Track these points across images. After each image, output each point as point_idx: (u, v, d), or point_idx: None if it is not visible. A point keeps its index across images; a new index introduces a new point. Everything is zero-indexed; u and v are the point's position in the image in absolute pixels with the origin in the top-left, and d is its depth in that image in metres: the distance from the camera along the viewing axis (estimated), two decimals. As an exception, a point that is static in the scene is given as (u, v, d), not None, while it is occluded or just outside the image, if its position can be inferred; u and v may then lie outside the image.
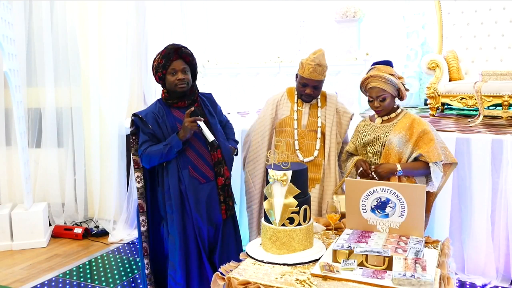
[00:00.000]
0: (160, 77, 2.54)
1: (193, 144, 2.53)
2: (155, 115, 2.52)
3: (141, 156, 2.51)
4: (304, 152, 2.73)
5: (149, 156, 2.47)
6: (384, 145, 2.43)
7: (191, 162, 2.53)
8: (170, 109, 2.56)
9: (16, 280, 3.45)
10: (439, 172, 2.40)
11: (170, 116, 2.54)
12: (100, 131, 4.49)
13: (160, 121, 2.50)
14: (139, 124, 2.54)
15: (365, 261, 1.77)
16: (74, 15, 4.42)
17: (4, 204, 4.44)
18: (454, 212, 3.29)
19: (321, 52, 2.60)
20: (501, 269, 3.22)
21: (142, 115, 2.52)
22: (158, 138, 2.50)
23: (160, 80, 2.56)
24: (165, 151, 2.44)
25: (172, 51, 2.48)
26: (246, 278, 1.74)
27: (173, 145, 2.44)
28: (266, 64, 5.10)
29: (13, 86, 3.95)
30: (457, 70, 4.65)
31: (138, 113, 2.54)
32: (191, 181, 2.52)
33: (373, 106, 2.46)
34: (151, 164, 2.52)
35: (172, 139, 2.45)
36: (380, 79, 2.39)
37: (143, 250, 2.69)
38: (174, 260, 2.57)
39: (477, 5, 4.71)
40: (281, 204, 1.92)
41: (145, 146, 2.49)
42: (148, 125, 2.49)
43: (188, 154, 2.52)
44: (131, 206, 4.52)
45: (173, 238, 2.57)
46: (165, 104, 2.58)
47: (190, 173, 2.52)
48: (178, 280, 2.56)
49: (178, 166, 2.52)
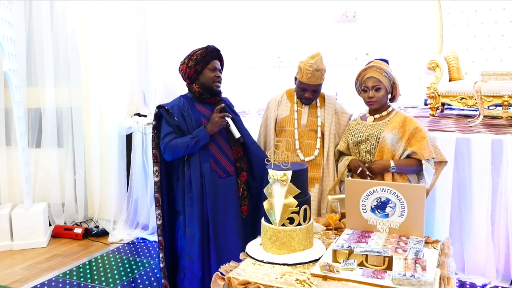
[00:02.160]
0: (197, 71, 2.56)
1: (216, 139, 2.59)
2: (180, 108, 2.56)
3: (165, 148, 2.52)
4: (304, 152, 2.74)
5: (174, 147, 2.50)
6: (377, 142, 2.48)
7: (213, 155, 2.57)
8: (194, 104, 2.61)
9: (16, 280, 3.45)
10: (431, 169, 2.45)
11: (195, 110, 2.58)
12: (100, 131, 4.50)
13: (185, 114, 2.55)
14: (165, 116, 2.57)
15: (365, 261, 1.77)
16: (74, 15, 4.42)
17: (4, 204, 4.44)
18: (454, 212, 3.29)
19: (319, 57, 2.60)
20: (501, 269, 3.22)
21: (168, 107, 2.56)
22: (182, 131, 2.54)
23: (194, 74, 2.58)
24: (192, 143, 2.48)
25: (215, 50, 2.59)
26: (246, 278, 1.74)
27: (200, 138, 2.49)
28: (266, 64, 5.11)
29: (13, 86, 3.95)
30: (457, 70, 4.64)
31: (164, 105, 2.58)
32: (211, 175, 2.56)
33: (366, 96, 2.50)
34: (174, 156, 2.55)
35: (199, 132, 2.50)
36: (377, 69, 2.48)
37: (158, 243, 2.73)
38: (192, 253, 2.60)
39: (477, 5, 4.71)
40: (281, 204, 1.92)
41: (170, 138, 2.52)
42: (173, 117, 2.53)
43: (210, 148, 2.57)
44: (131, 206, 4.52)
45: (191, 231, 2.60)
46: (191, 99, 2.62)
47: (212, 167, 2.56)
48: (196, 272, 2.60)
49: (200, 159, 2.55)
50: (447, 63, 4.61)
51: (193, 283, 2.61)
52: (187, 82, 2.64)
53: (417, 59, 5.60)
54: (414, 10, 5.64)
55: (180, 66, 2.64)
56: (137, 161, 4.45)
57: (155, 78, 4.65)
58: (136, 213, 4.54)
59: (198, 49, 2.60)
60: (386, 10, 5.68)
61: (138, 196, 4.51)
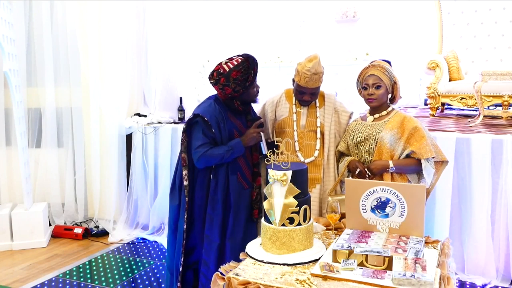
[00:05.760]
0: (242, 92, 2.52)
1: (244, 152, 2.61)
2: (217, 119, 2.54)
3: (200, 157, 2.51)
4: (304, 153, 2.72)
5: (209, 158, 2.51)
6: (376, 142, 2.47)
7: (240, 168, 2.61)
8: (228, 114, 2.60)
9: (16, 280, 3.45)
10: (430, 169, 2.44)
11: (229, 121, 2.59)
12: (100, 131, 4.50)
13: (221, 126, 2.55)
14: (201, 125, 2.52)
15: (365, 261, 1.77)
16: (74, 15, 4.42)
17: (4, 204, 4.45)
18: (454, 212, 3.29)
19: (317, 60, 2.54)
20: (501, 269, 3.22)
21: (207, 118, 2.51)
22: (216, 142, 2.55)
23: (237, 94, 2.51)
24: (227, 155, 2.51)
25: (256, 68, 2.54)
26: (246, 278, 1.74)
27: (236, 151, 2.52)
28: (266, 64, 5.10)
29: (13, 86, 3.95)
30: (457, 70, 4.65)
31: (203, 114, 2.52)
32: (237, 187, 2.59)
33: (366, 93, 2.50)
34: (207, 165, 2.57)
35: (236, 145, 2.52)
36: (379, 68, 2.50)
37: (182, 247, 2.67)
38: (208, 259, 2.61)
39: (477, 5, 4.71)
40: (281, 204, 1.92)
41: (206, 148, 2.51)
42: (211, 129, 2.52)
43: (238, 160, 2.60)
44: (131, 206, 4.52)
45: (209, 238, 2.61)
46: (223, 107, 2.59)
47: (238, 179, 2.60)
48: (210, 278, 2.58)
49: (228, 170, 2.58)
50: (447, 63, 4.61)
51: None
52: (225, 97, 2.57)
53: (417, 59, 5.60)
54: (414, 10, 5.64)
55: (221, 85, 2.49)
56: (137, 161, 4.45)
57: (155, 78, 4.65)
58: (136, 213, 4.54)
59: (242, 70, 2.45)
60: (386, 10, 5.69)
61: (138, 196, 4.51)
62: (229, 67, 2.45)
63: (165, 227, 4.33)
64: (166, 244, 3.84)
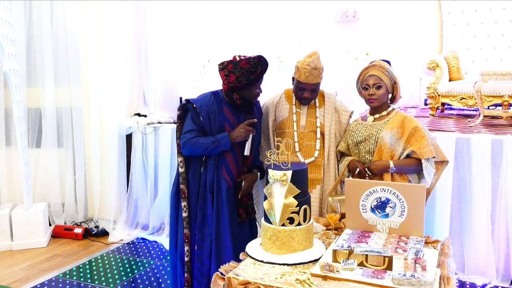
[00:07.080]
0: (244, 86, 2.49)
1: (233, 148, 2.59)
2: (209, 109, 2.55)
3: (185, 143, 2.53)
4: (304, 153, 2.71)
5: (193, 146, 2.51)
6: (376, 142, 2.47)
7: (226, 164, 2.59)
8: (223, 106, 2.59)
9: (16, 280, 3.45)
10: (431, 169, 2.44)
11: (221, 114, 2.58)
12: (100, 131, 4.50)
13: (212, 117, 2.54)
14: (191, 112, 2.55)
15: (365, 261, 1.77)
16: (74, 15, 4.42)
17: (4, 204, 4.45)
18: (454, 212, 3.29)
19: (316, 55, 2.56)
20: (501, 269, 3.22)
21: (197, 106, 2.53)
22: (205, 131, 2.55)
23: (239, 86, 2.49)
24: (212, 147, 2.49)
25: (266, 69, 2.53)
26: (246, 278, 1.74)
27: (221, 144, 2.50)
28: (266, 64, 5.06)
29: (13, 86, 3.95)
30: (457, 70, 4.65)
31: (193, 102, 2.55)
32: (221, 182, 2.58)
33: (367, 94, 2.51)
34: (191, 153, 2.56)
35: (222, 138, 2.50)
36: (379, 68, 2.50)
37: (184, 236, 2.65)
38: (201, 254, 2.61)
39: (477, 5, 4.72)
40: (281, 204, 1.92)
41: (192, 135, 2.52)
42: (199, 117, 2.53)
43: (226, 155, 2.58)
44: (131, 206, 4.52)
45: (202, 232, 2.61)
46: (220, 99, 2.60)
47: (223, 174, 2.58)
48: (205, 273, 2.61)
49: (216, 164, 2.57)
50: (447, 63, 4.61)
51: (202, 283, 2.61)
52: (227, 87, 2.55)
53: (417, 59, 5.61)
54: (414, 10, 5.65)
55: (227, 71, 2.49)
56: (137, 161, 4.46)
57: (155, 78, 4.65)
58: (136, 213, 4.54)
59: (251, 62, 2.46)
60: (386, 10, 5.69)
61: (138, 196, 4.51)
62: (240, 58, 2.50)
63: (165, 227, 4.33)
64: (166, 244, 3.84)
